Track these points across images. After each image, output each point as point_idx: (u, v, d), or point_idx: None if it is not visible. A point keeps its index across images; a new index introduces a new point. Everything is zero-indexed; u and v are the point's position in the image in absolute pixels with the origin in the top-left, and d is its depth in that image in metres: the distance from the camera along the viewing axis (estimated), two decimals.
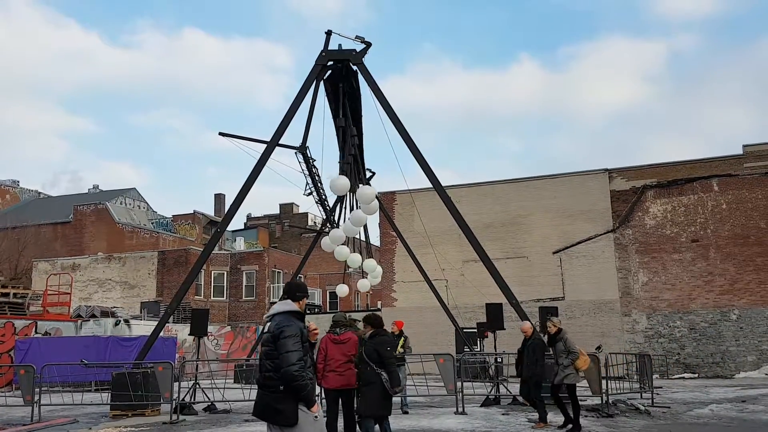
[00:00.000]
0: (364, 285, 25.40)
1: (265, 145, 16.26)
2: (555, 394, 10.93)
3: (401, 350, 13.70)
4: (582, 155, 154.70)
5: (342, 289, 25.29)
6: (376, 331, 8.16)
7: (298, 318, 5.26)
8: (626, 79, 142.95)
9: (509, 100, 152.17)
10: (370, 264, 23.34)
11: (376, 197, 24.13)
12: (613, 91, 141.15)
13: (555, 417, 11.64)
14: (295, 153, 21.09)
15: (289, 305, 5.34)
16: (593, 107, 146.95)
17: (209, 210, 66.06)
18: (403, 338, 13.88)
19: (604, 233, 28.71)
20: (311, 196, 23.84)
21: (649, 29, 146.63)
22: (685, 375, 26.08)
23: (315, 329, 6.90)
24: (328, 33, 16.75)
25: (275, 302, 10.49)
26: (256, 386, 8.35)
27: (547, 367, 11.36)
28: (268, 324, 5.31)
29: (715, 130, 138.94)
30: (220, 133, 19.84)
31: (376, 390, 7.67)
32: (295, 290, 5.41)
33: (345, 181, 16.21)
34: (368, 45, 16.38)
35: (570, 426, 10.60)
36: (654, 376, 17.97)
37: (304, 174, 22.27)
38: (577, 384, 10.91)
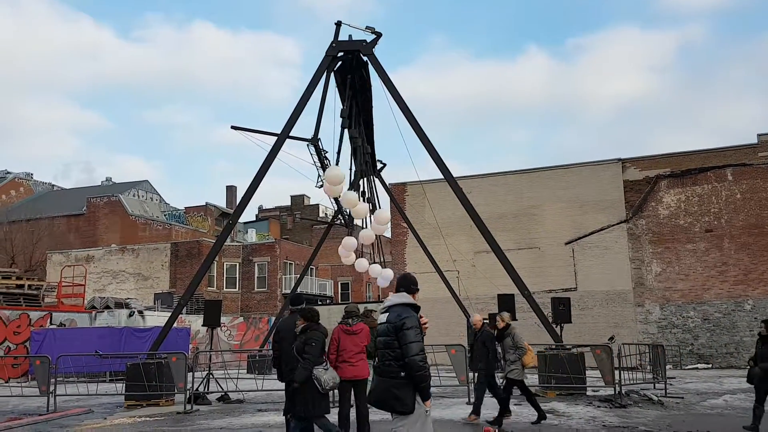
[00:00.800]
0: (368, 235, 24.45)
1: (276, 138, 16.26)
2: (524, 389, 10.78)
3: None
4: (591, 147, 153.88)
5: (348, 242, 23.99)
6: (308, 325, 7.60)
7: (414, 310, 5.40)
8: (635, 70, 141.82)
9: (517, 92, 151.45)
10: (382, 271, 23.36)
11: (387, 189, 24.10)
12: (622, 83, 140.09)
13: (523, 409, 11.63)
14: (307, 145, 21.04)
15: (406, 297, 5.48)
16: (602, 99, 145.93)
17: (221, 202, 66.36)
18: None
19: (617, 223, 28.54)
20: (323, 188, 23.74)
21: (658, 19, 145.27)
22: (699, 365, 25.95)
23: (426, 322, 6.98)
24: (338, 24, 16.68)
25: (286, 293, 10.51)
26: (268, 377, 8.42)
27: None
28: (385, 315, 5.44)
29: (727, 121, 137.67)
30: (233, 127, 19.88)
31: (310, 388, 7.23)
32: (410, 283, 5.58)
33: (339, 172, 15.84)
34: (378, 35, 16.30)
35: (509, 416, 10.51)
36: (667, 367, 17.89)
37: (316, 166, 22.20)
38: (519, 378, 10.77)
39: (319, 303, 44.11)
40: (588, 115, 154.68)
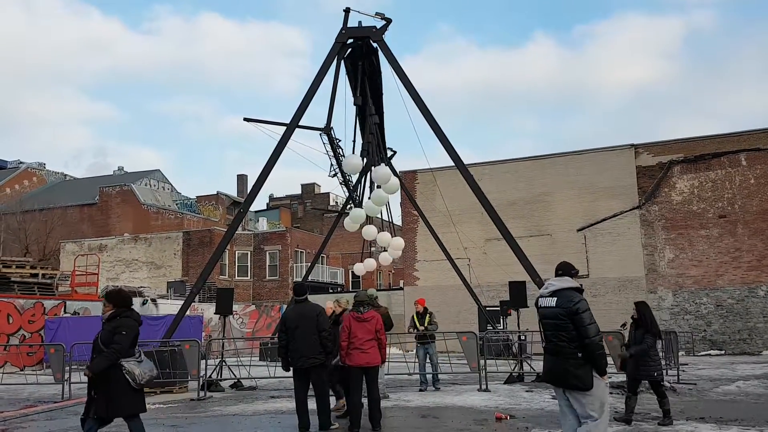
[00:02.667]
0: (385, 258, 25.35)
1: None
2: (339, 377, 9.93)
3: (426, 327, 13.78)
4: (600, 135, 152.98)
5: (359, 268, 24.86)
6: (116, 312, 6.66)
7: (579, 293, 5.74)
8: (645, 57, 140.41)
9: (525, 80, 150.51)
10: (396, 241, 23.27)
11: (398, 177, 24.12)
12: (632, 69, 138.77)
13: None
14: (320, 134, 21.03)
15: (571, 282, 5.83)
16: (613, 85, 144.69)
17: (232, 191, 66.53)
18: (428, 315, 13.98)
19: (630, 210, 28.36)
20: (336, 177, 23.80)
21: (664, 6, 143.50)
22: (712, 352, 25.82)
23: None
24: (347, 10, 16.55)
25: (298, 282, 10.50)
26: (280, 364, 8.49)
27: None
28: (552, 299, 5.75)
29: (737, 107, 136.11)
30: (245, 119, 20.02)
31: (120, 384, 6.25)
32: (571, 268, 5.98)
33: (357, 161, 16.28)
34: (388, 21, 16.17)
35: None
36: (680, 353, 17.82)
37: (329, 155, 22.20)
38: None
39: (330, 291, 44.28)
40: (599, 102, 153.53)
